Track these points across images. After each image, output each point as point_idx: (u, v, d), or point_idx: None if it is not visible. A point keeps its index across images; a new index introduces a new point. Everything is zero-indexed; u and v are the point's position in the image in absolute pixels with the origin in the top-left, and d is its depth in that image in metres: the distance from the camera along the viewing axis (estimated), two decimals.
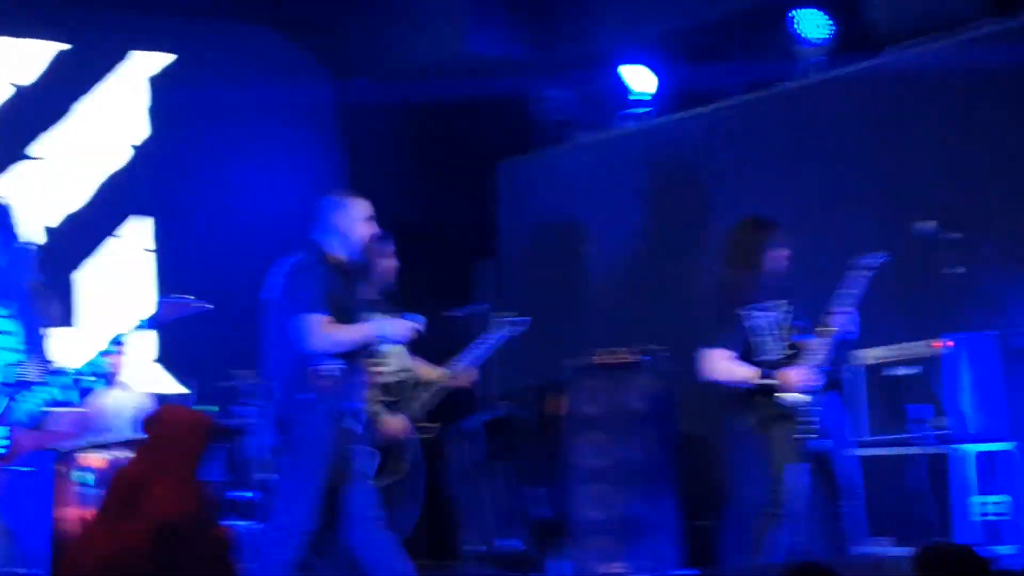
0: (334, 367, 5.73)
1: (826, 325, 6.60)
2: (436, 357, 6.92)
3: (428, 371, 6.93)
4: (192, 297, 5.72)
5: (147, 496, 1.27)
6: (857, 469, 6.80)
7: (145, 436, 4.91)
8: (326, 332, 5.71)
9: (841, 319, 6.51)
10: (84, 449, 6.54)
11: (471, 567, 8.72)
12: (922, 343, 7.09)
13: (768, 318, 6.61)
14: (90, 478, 6.44)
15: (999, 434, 6.97)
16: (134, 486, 1.30)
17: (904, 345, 7.13)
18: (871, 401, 7.26)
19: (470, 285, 9.74)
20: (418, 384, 6.84)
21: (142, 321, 5.34)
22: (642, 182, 9.21)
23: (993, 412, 7.00)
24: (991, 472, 6.73)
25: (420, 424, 6.80)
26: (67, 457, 6.46)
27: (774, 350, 6.56)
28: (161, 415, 1.58)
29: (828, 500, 6.69)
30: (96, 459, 6.40)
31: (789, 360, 6.53)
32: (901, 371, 7.17)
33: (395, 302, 6.92)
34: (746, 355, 6.55)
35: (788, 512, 6.51)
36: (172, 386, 8.88)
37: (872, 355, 7.22)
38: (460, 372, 6.88)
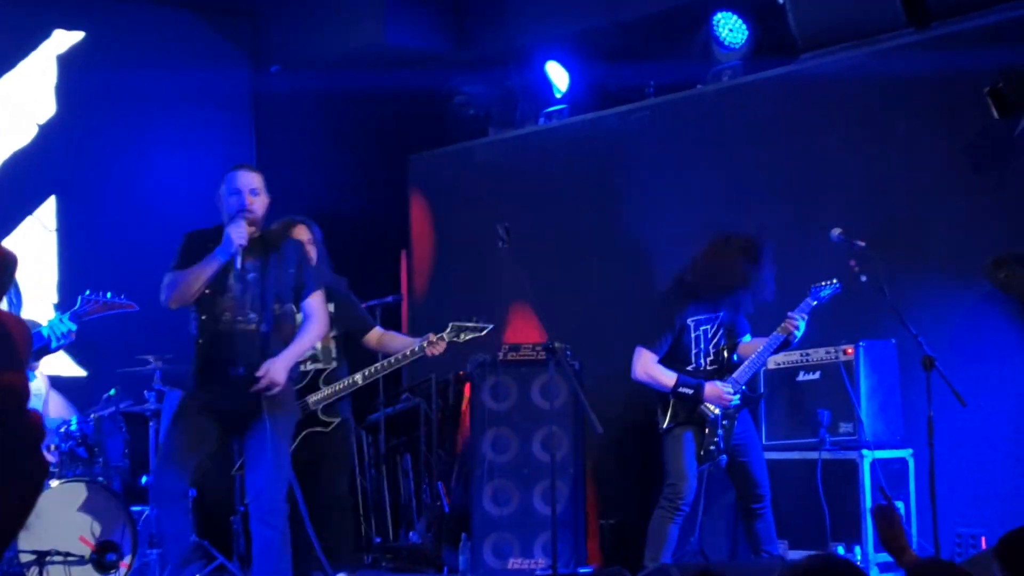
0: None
1: (758, 344, 6.80)
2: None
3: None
4: (115, 295, 5.63)
5: None
6: (766, 474, 6.93)
7: None
8: (166, 279, 6.05)
9: (779, 336, 6.71)
10: None
11: (371, 558, 8.68)
12: (823, 349, 7.16)
13: (704, 332, 6.79)
14: None
15: (895, 441, 7.05)
16: None
17: (806, 351, 7.19)
18: (772, 405, 7.33)
19: (381, 276, 9.68)
20: (320, 378, 6.79)
21: (65, 315, 5.24)
22: (555, 180, 9.21)
23: (890, 420, 7.08)
24: (886, 479, 6.80)
25: (318, 418, 6.72)
26: None
27: (702, 361, 6.77)
28: None
29: (742, 504, 6.84)
30: None
31: (710, 374, 6.75)
32: (802, 376, 7.23)
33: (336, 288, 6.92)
34: (673, 360, 6.74)
35: (685, 509, 6.68)
36: (69, 369, 8.75)
37: (775, 360, 7.28)
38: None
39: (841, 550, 6.54)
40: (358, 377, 6.83)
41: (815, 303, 6.86)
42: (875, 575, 6.60)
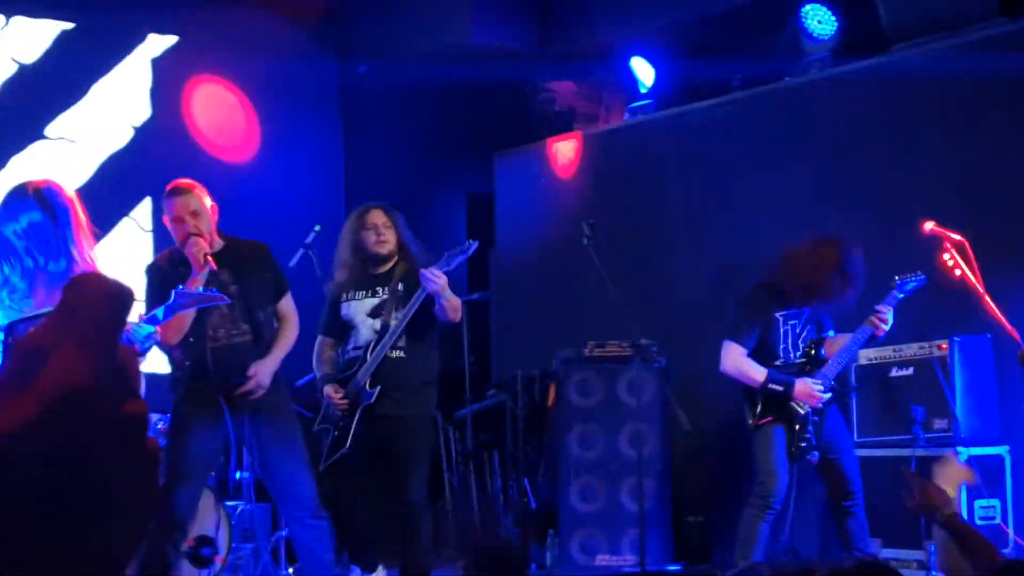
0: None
1: (843, 340, 6.72)
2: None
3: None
4: (206, 290, 5.67)
5: (46, 365, 1.23)
6: (858, 471, 6.83)
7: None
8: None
9: (867, 329, 6.62)
10: None
11: (458, 555, 8.70)
12: (916, 345, 7.08)
13: (792, 327, 6.72)
14: None
15: (991, 438, 6.96)
16: (35, 354, 1.26)
17: (898, 346, 7.12)
18: (864, 401, 7.26)
19: (467, 274, 9.71)
20: (368, 352, 6.64)
21: (159, 310, 5.29)
22: (640, 176, 9.18)
23: (985, 416, 6.98)
24: (982, 476, 6.71)
25: (364, 392, 6.57)
26: None
27: (790, 357, 6.70)
28: (76, 281, 1.52)
29: (833, 502, 6.76)
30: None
31: (801, 369, 6.67)
32: (895, 372, 7.15)
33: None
34: (762, 355, 6.67)
35: (776, 507, 6.61)
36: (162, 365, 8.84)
37: (866, 355, 7.21)
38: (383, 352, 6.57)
39: (935, 548, 6.45)
40: (385, 341, 6.45)
41: (901, 296, 6.74)
42: None
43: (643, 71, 9.31)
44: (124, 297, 1.37)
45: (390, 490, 6.53)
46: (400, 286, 6.55)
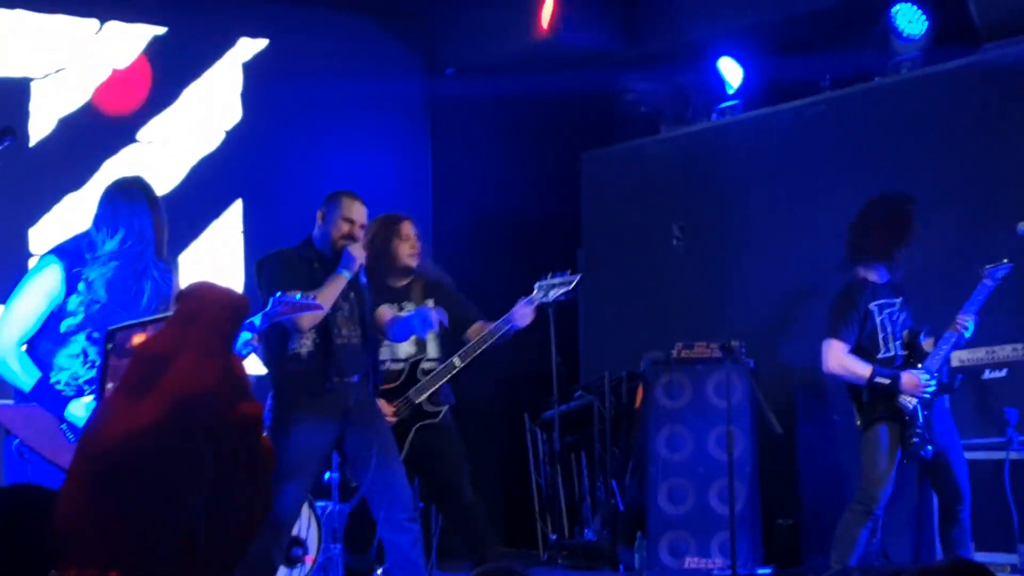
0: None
1: (943, 330, 6.58)
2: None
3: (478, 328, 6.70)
4: (305, 296, 5.73)
5: (169, 370, 1.29)
6: (967, 474, 6.65)
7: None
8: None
9: (961, 325, 6.47)
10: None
11: (547, 556, 8.73)
12: (1010, 346, 6.99)
13: (889, 315, 6.59)
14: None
15: None
16: (156, 360, 1.32)
17: (992, 348, 7.03)
18: (957, 403, 7.16)
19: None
20: (417, 369, 6.70)
21: (256, 317, 5.37)
22: (728, 177, 9.15)
23: None
24: None
25: (422, 409, 6.64)
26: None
27: (891, 346, 6.56)
28: (193, 289, 1.59)
29: (943, 507, 6.63)
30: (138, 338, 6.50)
31: (905, 361, 6.53)
32: (988, 374, 7.07)
33: (435, 283, 6.79)
34: (863, 350, 6.55)
35: (879, 514, 6.46)
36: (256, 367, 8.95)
37: (959, 357, 7.12)
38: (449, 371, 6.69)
39: None
40: (456, 360, 6.54)
41: (992, 284, 6.56)
42: None
43: (730, 71, 9.28)
44: (242, 308, 1.42)
45: (443, 496, 6.66)
46: (431, 302, 6.65)
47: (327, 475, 7.82)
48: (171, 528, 1.26)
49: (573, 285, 6.66)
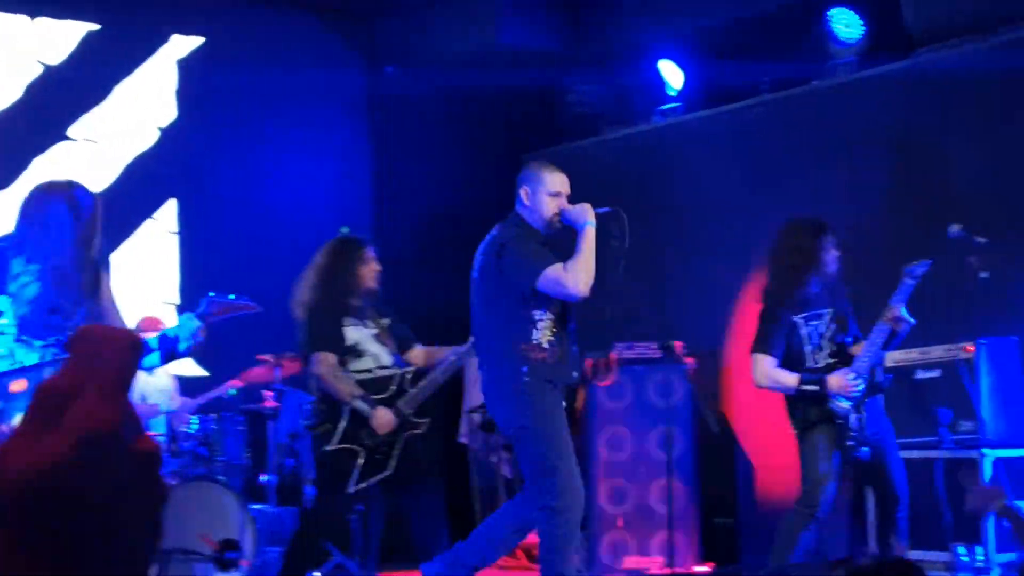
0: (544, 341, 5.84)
1: (869, 332, 6.65)
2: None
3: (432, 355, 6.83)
4: (238, 297, 5.69)
5: (71, 408, 1.31)
6: (904, 474, 6.72)
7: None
8: (568, 273, 5.82)
9: (884, 326, 6.55)
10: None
11: None
12: (942, 347, 7.06)
13: (816, 328, 6.66)
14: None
15: (1017, 440, 6.93)
16: (59, 398, 1.34)
17: (925, 348, 7.10)
18: (890, 403, 7.22)
19: None
20: (405, 380, 6.77)
21: (191, 315, 5.33)
22: (669, 178, 9.19)
23: (1012, 418, 6.96)
24: (1008, 478, 6.69)
25: (410, 420, 6.71)
26: None
27: (818, 357, 6.64)
28: (88, 332, 1.60)
29: (880, 507, 6.69)
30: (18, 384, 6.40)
31: (832, 367, 6.60)
32: (921, 374, 7.13)
33: (383, 307, 6.90)
34: (792, 362, 6.62)
35: (820, 516, 6.52)
36: (191, 369, 8.91)
37: (893, 358, 7.19)
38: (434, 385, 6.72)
39: (962, 550, 6.44)
40: (438, 374, 6.70)
41: (912, 282, 6.64)
42: (997, 574, 6.49)
43: (671, 74, 9.32)
44: (136, 349, 1.49)
45: (418, 500, 6.72)
46: (386, 321, 6.78)
47: (264, 477, 7.80)
48: (74, 557, 1.27)
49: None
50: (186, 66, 9.45)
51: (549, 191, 6.04)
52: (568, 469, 5.77)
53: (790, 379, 6.61)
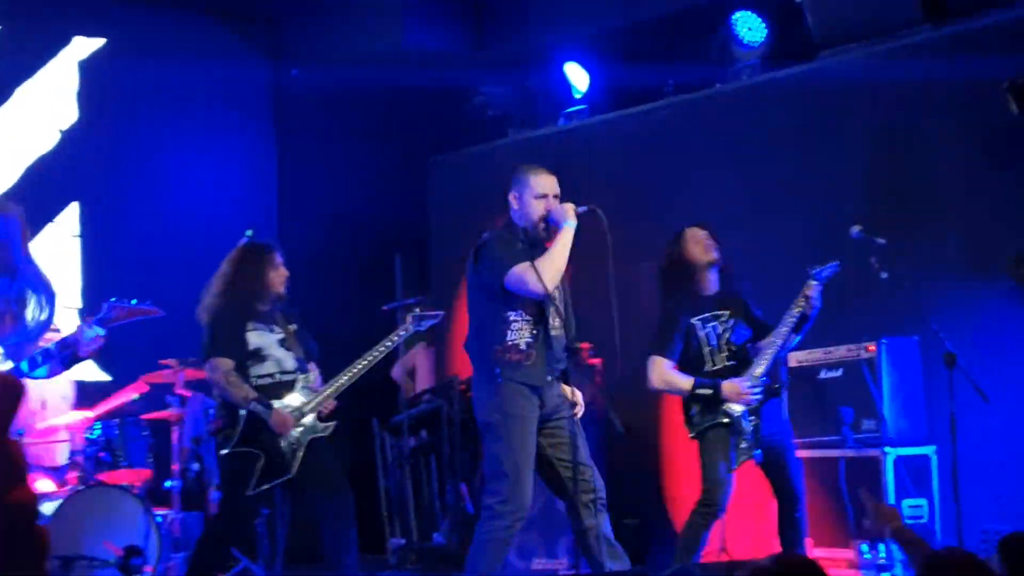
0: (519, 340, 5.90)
1: (769, 335, 6.73)
2: (357, 351, 6.84)
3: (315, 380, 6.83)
4: (140, 302, 5.62)
5: None
6: (802, 476, 6.80)
7: None
8: (530, 271, 5.87)
9: (784, 330, 6.64)
10: None
11: (396, 560, 8.71)
12: (844, 347, 7.15)
13: (713, 329, 6.74)
14: None
15: (918, 438, 7.04)
16: None
17: (828, 348, 7.19)
18: (794, 403, 7.30)
19: (402, 277, 9.71)
20: (308, 384, 6.73)
21: (93, 320, 5.26)
22: (574, 180, 9.18)
23: (913, 416, 7.07)
24: (909, 476, 6.79)
25: (313, 424, 6.66)
26: None
27: (717, 359, 6.72)
28: None
29: (779, 506, 6.76)
30: None
31: (728, 371, 6.67)
32: (824, 374, 7.22)
33: (291, 313, 6.86)
34: (690, 364, 6.70)
35: (720, 515, 6.60)
36: (94, 374, 8.79)
37: (796, 357, 7.28)
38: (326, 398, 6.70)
39: (865, 548, 6.53)
40: (344, 379, 6.69)
41: (819, 285, 6.75)
42: (899, 572, 6.59)
43: (577, 76, 9.35)
44: (14, 392, 1.44)
45: (325, 504, 6.64)
46: (294, 327, 6.76)
47: (168, 483, 7.72)
48: None
49: (439, 319, 7.17)
50: (88, 68, 9.32)
51: (535, 194, 6.14)
52: (518, 479, 5.84)
53: (684, 383, 6.69)
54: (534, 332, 5.96)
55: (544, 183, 6.19)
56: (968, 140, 7.23)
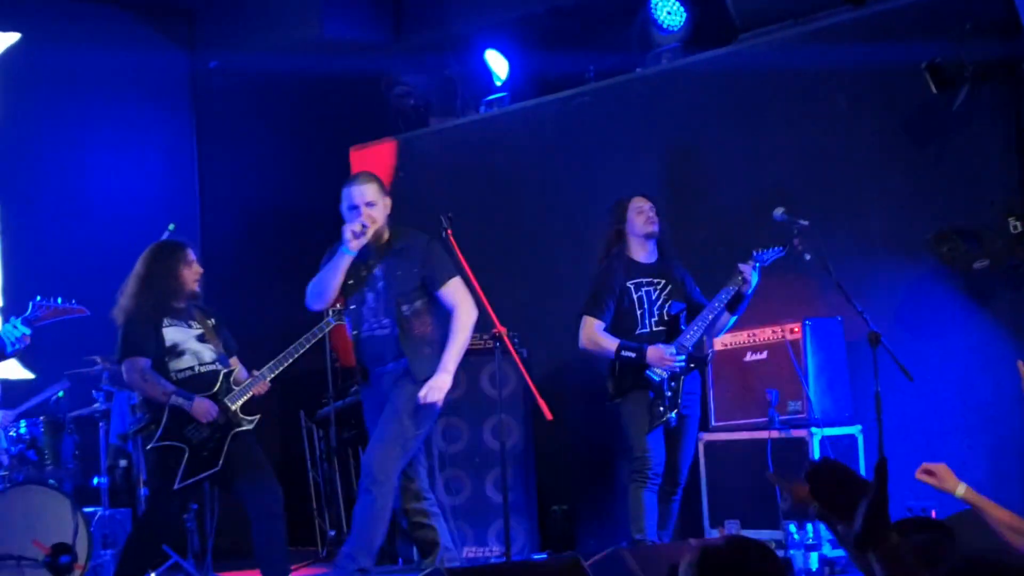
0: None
1: (700, 308, 6.85)
2: (283, 344, 6.81)
3: (238, 373, 6.81)
4: (66, 301, 5.56)
5: None
6: (689, 462, 7.03)
7: None
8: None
9: (717, 305, 6.78)
10: None
11: (326, 552, 8.67)
12: (769, 329, 7.21)
13: (647, 293, 6.86)
14: None
15: (843, 418, 7.12)
16: None
17: (751, 331, 7.25)
18: (720, 386, 7.37)
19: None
20: (229, 377, 6.70)
21: (17, 320, 5.19)
22: (497, 168, 9.21)
23: (838, 397, 7.15)
24: (835, 456, 6.86)
25: (237, 417, 6.63)
26: None
27: (648, 323, 6.83)
28: None
29: (664, 484, 6.89)
30: None
31: (657, 336, 6.79)
32: (750, 356, 7.28)
33: (208, 309, 6.87)
34: (621, 326, 6.79)
35: (657, 477, 6.72)
36: (17, 372, 8.66)
37: (722, 341, 7.34)
38: (259, 382, 6.72)
39: (793, 528, 6.59)
40: (265, 371, 6.69)
41: (758, 265, 6.88)
42: (827, 551, 6.66)
43: (497, 64, 9.34)
44: None
45: (254, 498, 6.63)
46: (212, 322, 6.83)
47: (96, 480, 7.64)
48: None
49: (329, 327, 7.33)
50: (2, 64, 9.16)
51: (344, 207, 6.66)
52: (381, 460, 6.62)
53: (610, 343, 6.85)
54: (355, 333, 6.85)
55: (352, 195, 6.86)
56: (888, 121, 7.32)
